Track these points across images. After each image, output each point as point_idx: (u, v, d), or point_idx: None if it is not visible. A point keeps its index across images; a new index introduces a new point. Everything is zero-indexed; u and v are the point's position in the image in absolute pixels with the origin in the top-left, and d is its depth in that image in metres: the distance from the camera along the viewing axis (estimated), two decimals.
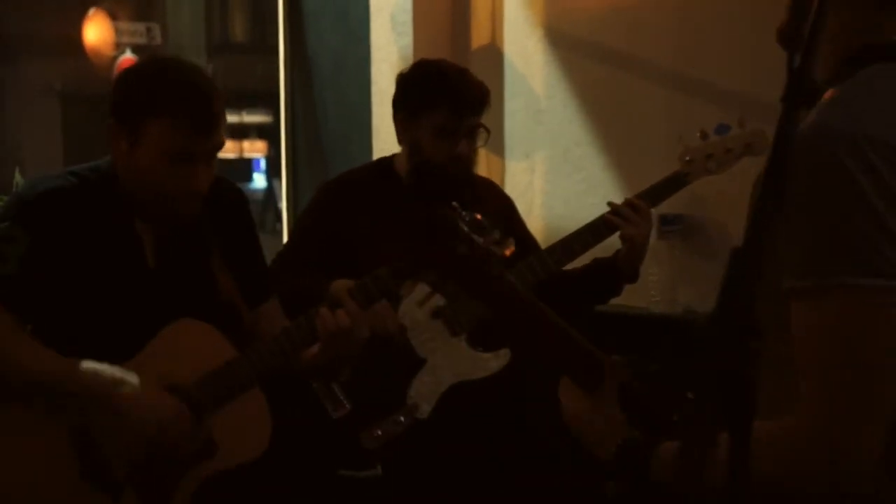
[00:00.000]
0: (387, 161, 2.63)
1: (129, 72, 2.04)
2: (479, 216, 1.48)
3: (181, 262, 2.04)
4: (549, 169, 3.47)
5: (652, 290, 3.08)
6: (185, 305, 2.00)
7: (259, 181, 8.72)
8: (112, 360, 1.90)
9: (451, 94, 2.44)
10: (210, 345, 1.99)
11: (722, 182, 2.64)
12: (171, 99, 1.91)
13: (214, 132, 1.95)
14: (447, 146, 2.44)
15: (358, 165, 2.77)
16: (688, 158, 2.56)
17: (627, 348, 2.20)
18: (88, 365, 1.87)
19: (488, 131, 2.52)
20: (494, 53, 3.59)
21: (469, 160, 2.48)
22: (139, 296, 1.99)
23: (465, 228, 1.43)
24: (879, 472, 1.07)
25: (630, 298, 2.83)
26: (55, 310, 1.94)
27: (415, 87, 2.51)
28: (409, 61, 3.46)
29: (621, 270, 2.54)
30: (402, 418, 2.36)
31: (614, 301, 2.69)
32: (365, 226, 2.49)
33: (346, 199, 2.55)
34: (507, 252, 1.48)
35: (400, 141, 2.56)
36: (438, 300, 2.40)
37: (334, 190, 2.62)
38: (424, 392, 2.38)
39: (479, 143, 2.52)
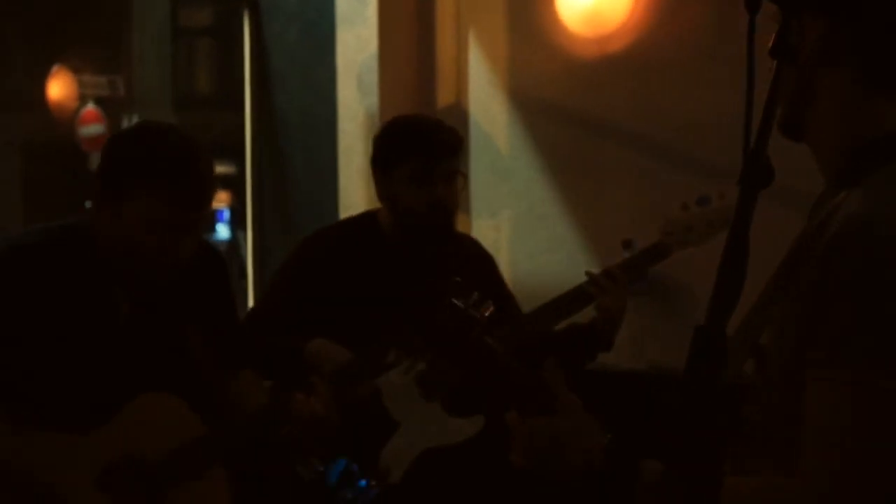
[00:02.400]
0: (371, 215, 2.57)
1: (120, 139, 1.99)
2: (457, 279, 1.47)
3: (155, 327, 2.00)
4: (515, 226, 3.52)
5: (619, 347, 3.12)
6: (156, 373, 1.97)
7: (222, 232, 8.54)
8: (76, 429, 1.88)
9: (423, 140, 2.41)
10: (177, 420, 1.96)
11: None
12: (162, 172, 1.86)
13: (203, 206, 1.92)
14: (424, 192, 2.39)
15: (338, 220, 2.74)
16: (668, 230, 2.52)
17: (596, 404, 2.23)
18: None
19: (465, 176, 2.50)
20: (460, 113, 3.64)
21: (449, 205, 2.43)
22: (109, 359, 1.95)
23: (447, 294, 1.42)
24: None
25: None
26: (18, 370, 1.89)
27: (388, 141, 2.48)
28: (376, 120, 3.53)
29: (598, 339, 2.53)
30: (372, 482, 2.36)
31: None
32: (347, 282, 2.44)
33: (329, 255, 2.49)
34: (486, 313, 1.46)
35: (380, 197, 2.51)
36: (421, 365, 2.39)
37: (317, 244, 2.55)
38: (396, 456, 2.37)
39: (458, 188, 2.46)
